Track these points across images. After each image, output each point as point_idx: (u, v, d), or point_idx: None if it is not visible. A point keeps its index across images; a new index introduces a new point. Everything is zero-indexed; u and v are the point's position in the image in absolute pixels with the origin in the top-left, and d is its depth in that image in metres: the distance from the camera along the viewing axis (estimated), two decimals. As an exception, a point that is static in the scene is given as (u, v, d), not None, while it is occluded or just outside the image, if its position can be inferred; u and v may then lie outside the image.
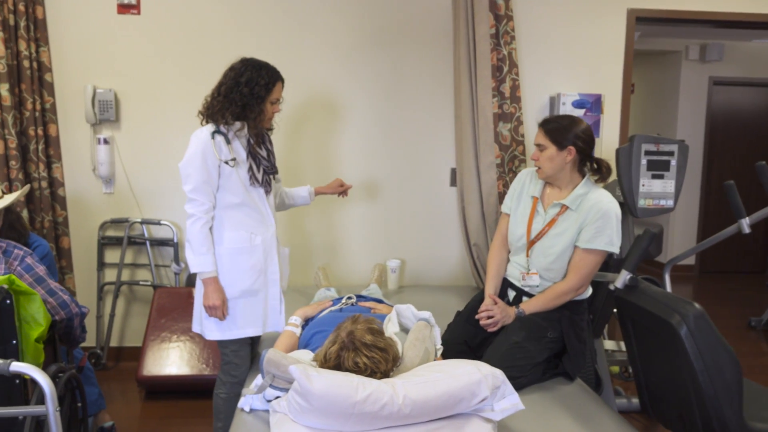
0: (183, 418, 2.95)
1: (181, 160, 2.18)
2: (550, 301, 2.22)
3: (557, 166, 2.20)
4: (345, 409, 1.48)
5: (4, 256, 2.01)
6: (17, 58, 3.13)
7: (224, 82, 2.19)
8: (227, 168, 2.17)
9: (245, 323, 2.26)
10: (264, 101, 2.19)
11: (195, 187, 2.14)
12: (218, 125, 2.19)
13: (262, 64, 2.22)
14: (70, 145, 3.38)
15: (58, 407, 1.42)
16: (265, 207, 2.29)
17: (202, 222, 2.14)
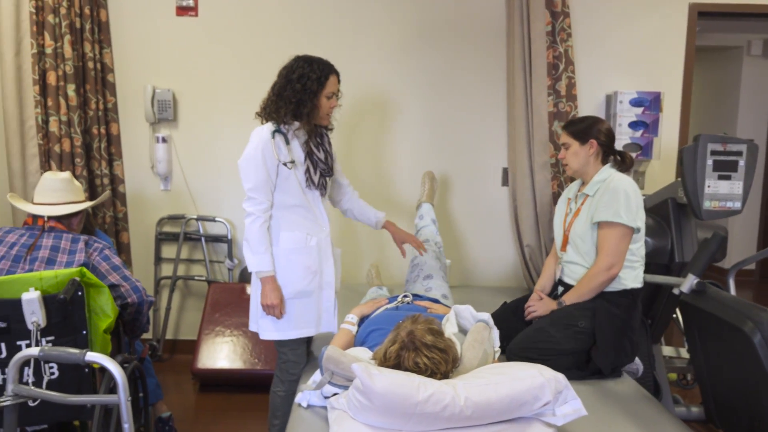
0: (236, 412, 3.01)
1: (241, 157, 2.19)
2: (584, 287, 2.26)
3: (582, 160, 2.34)
4: (406, 408, 1.47)
5: (86, 248, 2.13)
6: (82, 60, 3.25)
7: (278, 81, 2.21)
8: (285, 169, 2.18)
9: (299, 323, 2.26)
10: (317, 96, 2.16)
11: (254, 186, 2.15)
12: (278, 124, 2.20)
13: (314, 59, 2.21)
14: (131, 143, 3.49)
15: (129, 397, 1.47)
16: (320, 209, 2.30)
17: (260, 221, 2.16)
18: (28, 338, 1.86)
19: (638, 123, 3.24)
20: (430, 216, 3.01)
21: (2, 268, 2.05)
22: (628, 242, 2.21)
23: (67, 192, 2.29)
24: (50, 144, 3.12)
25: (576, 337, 2.21)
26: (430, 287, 2.57)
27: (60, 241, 2.13)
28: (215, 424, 2.90)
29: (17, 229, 2.18)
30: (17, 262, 2.06)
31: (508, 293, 3.27)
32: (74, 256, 2.11)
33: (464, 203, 3.53)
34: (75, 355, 1.46)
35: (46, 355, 1.47)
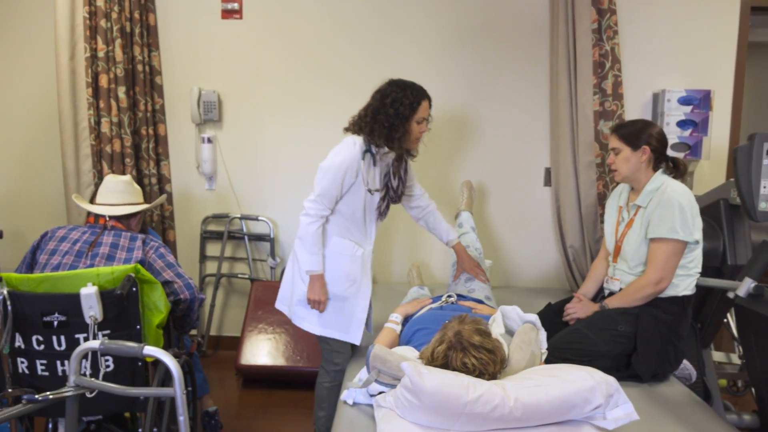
0: (278, 408, 3.06)
1: (325, 159, 2.23)
2: (630, 296, 2.22)
3: (633, 166, 2.25)
4: (456, 408, 1.48)
5: (144, 246, 2.21)
6: (132, 63, 3.35)
7: (372, 104, 2.25)
8: (359, 188, 2.23)
9: (329, 323, 2.33)
10: (409, 121, 2.20)
11: (323, 193, 2.21)
12: (369, 144, 2.24)
13: (407, 84, 2.24)
14: (177, 143, 3.58)
15: (185, 390, 1.51)
16: (371, 228, 2.37)
17: (317, 225, 2.23)
18: (86, 332, 1.93)
19: (687, 122, 3.16)
20: (470, 224, 3.04)
21: (66, 262, 2.14)
22: (681, 256, 2.16)
23: (127, 194, 2.39)
24: (102, 145, 3.23)
25: (615, 340, 2.17)
26: (473, 288, 2.56)
27: (119, 239, 2.21)
28: (258, 419, 2.95)
29: (80, 227, 2.27)
30: (79, 258, 2.15)
31: (550, 294, 3.23)
32: (132, 253, 2.19)
33: (505, 203, 3.50)
34: (133, 349, 1.51)
35: (106, 348, 1.52)
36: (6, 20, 3.49)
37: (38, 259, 2.20)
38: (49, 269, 2.13)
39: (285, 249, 3.63)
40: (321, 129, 3.51)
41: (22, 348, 1.94)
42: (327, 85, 3.48)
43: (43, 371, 1.96)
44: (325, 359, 2.38)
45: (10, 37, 3.50)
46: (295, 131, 3.53)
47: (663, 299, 2.19)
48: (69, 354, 1.93)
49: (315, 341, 3.20)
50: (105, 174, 3.22)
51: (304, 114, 3.51)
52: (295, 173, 3.56)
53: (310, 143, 3.53)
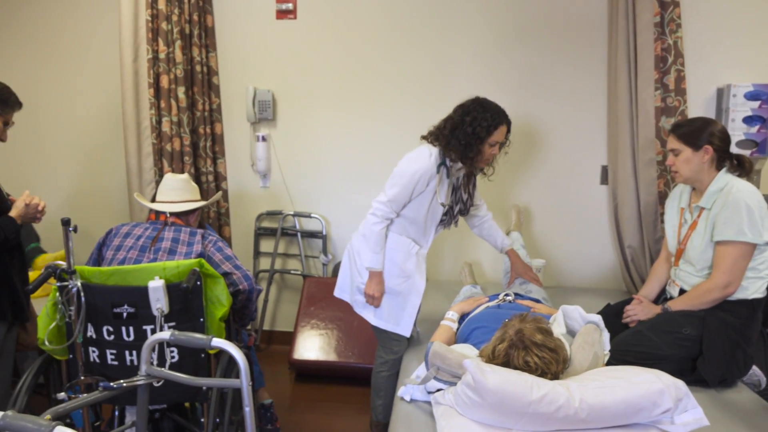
0: (331, 402, 3.10)
1: (400, 164, 2.28)
2: (695, 299, 2.15)
3: (695, 167, 2.18)
4: (519, 407, 1.46)
5: (203, 240, 2.29)
6: (191, 64, 3.44)
7: (452, 117, 2.28)
8: (426, 197, 2.28)
9: (382, 315, 2.42)
10: (483, 142, 2.23)
11: (393, 198, 2.27)
12: (445, 158, 2.27)
13: (490, 105, 2.27)
14: (233, 142, 3.66)
15: (250, 382, 1.54)
16: (430, 234, 2.42)
17: (383, 225, 2.30)
18: (153, 323, 2.00)
19: (754, 118, 3.03)
20: (520, 242, 3.07)
21: (130, 257, 2.22)
22: (749, 259, 2.07)
23: (186, 191, 2.47)
24: (162, 143, 3.34)
25: (679, 343, 2.11)
26: (529, 290, 2.54)
27: (180, 234, 2.29)
28: (311, 413, 2.99)
29: (143, 223, 2.36)
30: (143, 252, 2.23)
31: (605, 295, 3.16)
32: (192, 247, 2.26)
33: (559, 202, 3.44)
34: (202, 341, 1.55)
35: (176, 340, 1.57)
36: (72, 25, 3.64)
37: (104, 254, 2.29)
38: (115, 264, 2.22)
39: (337, 246, 3.67)
40: (373, 127, 3.53)
41: (94, 338, 2.02)
42: (379, 84, 3.50)
43: (112, 360, 2.04)
44: (383, 348, 2.45)
45: (75, 42, 3.66)
46: (347, 129, 3.56)
47: (731, 302, 2.11)
48: (137, 344, 2.02)
49: (367, 338, 3.23)
50: (165, 171, 3.33)
51: (357, 112, 3.54)
52: (347, 171, 3.59)
53: (363, 141, 3.55)
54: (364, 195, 3.59)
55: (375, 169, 3.56)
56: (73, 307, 1.96)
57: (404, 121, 3.50)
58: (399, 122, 3.51)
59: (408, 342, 2.48)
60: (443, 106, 3.43)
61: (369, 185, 3.57)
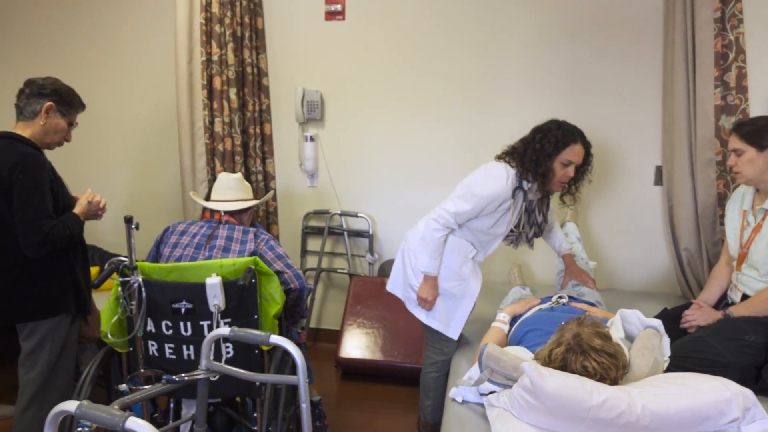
0: (378, 401, 3.11)
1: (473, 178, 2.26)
2: (759, 305, 2.08)
3: (759, 168, 2.11)
4: (578, 412, 1.44)
5: (255, 238, 2.33)
6: (242, 65, 3.51)
7: (527, 137, 2.27)
8: (495, 216, 2.26)
9: (434, 315, 2.41)
10: (552, 159, 2.17)
11: (460, 212, 2.24)
12: (521, 180, 2.23)
13: (564, 124, 2.22)
14: (281, 142, 3.72)
15: (307, 378, 1.57)
16: (492, 246, 2.41)
17: (444, 233, 2.28)
18: (210, 319, 2.05)
19: (821, 116, 2.89)
20: (575, 234, 3.00)
21: (187, 254, 2.29)
22: None
23: (239, 190, 2.52)
24: (215, 143, 3.42)
25: (742, 351, 2.02)
26: (582, 293, 2.49)
27: (233, 232, 2.34)
28: (357, 411, 3.01)
29: (198, 221, 2.42)
30: (199, 250, 2.29)
31: (659, 299, 3.07)
32: (245, 245, 2.31)
33: (611, 203, 3.36)
34: (261, 337, 1.58)
35: (236, 336, 1.61)
36: (128, 30, 3.77)
37: (162, 251, 2.36)
38: (173, 261, 2.29)
39: (383, 245, 3.68)
40: (420, 127, 3.53)
41: (153, 332, 2.09)
42: (426, 84, 3.49)
43: (170, 354, 2.10)
44: (433, 348, 2.45)
45: (132, 46, 3.78)
46: (394, 129, 3.57)
47: None
48: (194, 339, 2.07)
49: (413, 338, 3.23)
50: (217, 171, 3.40)
51: (404, 112, 3.54)
52: (394, 171, 3.60)
53: (409, 141, 3.56)
54: (411, 195, 3.59)
55: (421, 169, 3.56)
56: (135, 302, 2.03)
57: (451, 122, 3.48)
58: (445, 122, 3.49)
59: (458, 343, 2.47)
60: (489, 106, 3.42)
61: (415, 185, 3.57)
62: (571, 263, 2.62)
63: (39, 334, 2.18)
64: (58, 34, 3.86)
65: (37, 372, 2.19)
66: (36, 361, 2.19)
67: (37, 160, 2.12)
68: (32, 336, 2.19)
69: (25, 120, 2.20)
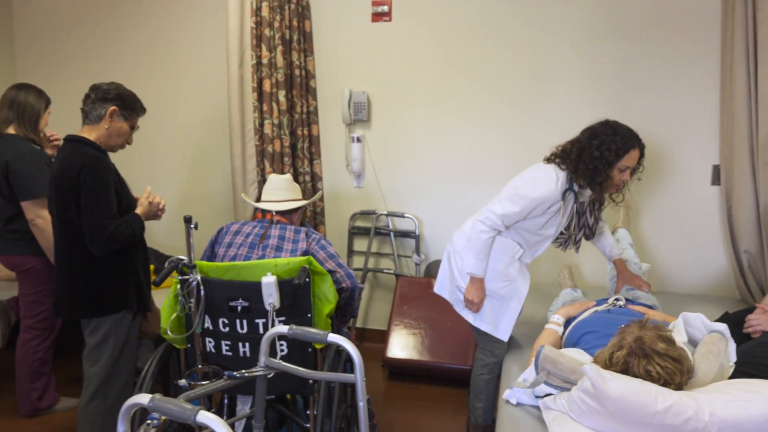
0: (425, 402, 3.11)
1: (521, 179, 2.24)
2: None
3: None
4: (643, 417, 1.41)
5: (307, 238, 2.37)
6: (290, 68, 3.57)
7: (579, 140, 2.22)
8: (544, 218, 2.23)
9: (482, 317, 2.39)
10: (612, 166, 2.14)
11: (508, 214, 2.21)
12: (572, 183, 2.21)
13: (620, 128, 2.18)
14: (329, 143, 3.76)
15: (364, 377, 1.58)
16: (540, 248, 2.37)
17: (490, 235, 2.26)
18: (265, 317, 2.09)
19: None
20: (627, 240, 2.93)
21: (241, 253, 2.34)
22: None
23: (289, 191, 2.56)
24: (264, 145, 3.48)
25: None
26: (637, 296, 2.43)
27: (285, 231, 2.38)
28: (404, 411, 3.02)
29: (250, 222, 2.48)
30: (252, 249, 2.34)
31: (717, 303, 2.97)
32: (297, 244, 2.34)
33: (664, 203, 3.27)
34: (319, 336, 1.61)
35: (294, 334, 1.63)
36: (180, 35, 3.88)
37: (217, 251, 2.42)
38: (227, 260, 2.34)
39: (429, 246, 3.68)
40: (466, 128, 3.51)
41: (210, 329, 2.14)
42: (472, 85, 3.47)
43: (227, 351, 2.15)
44: (483, 350, 2.44)
45: (183, 52, 3.89)
46: (440, 130, 3.56)
47: None
48: (249, 336, 2.12)
49: (460, 339, 3.21)
50: (267, 172, 3.46)
51: (450, 113, 3.53)
52: (440, 172, 3.59)
53: (456, 142, 3.54)
54: (457, 196, 3.58)
55: (468, 170, 3.54)
56: (193, 300, 2.09)
57: (497, 123, 3.46)
58: (492, 124, 3.47)
59: (508, 345, 2.45)
60: (536, 106, 3.38)
61: (462, 186, 3.56)
62: (623, 268, 2.56)
63: (103, 329, 2.27)
64: (115, 40, 4.00)
65: (101, 366, 2.28)
66: (100, 355, 2.28)
67: (102, 162, 2.21)
68: (96, 331, 2.28)
69: (91, 124, 2.29)
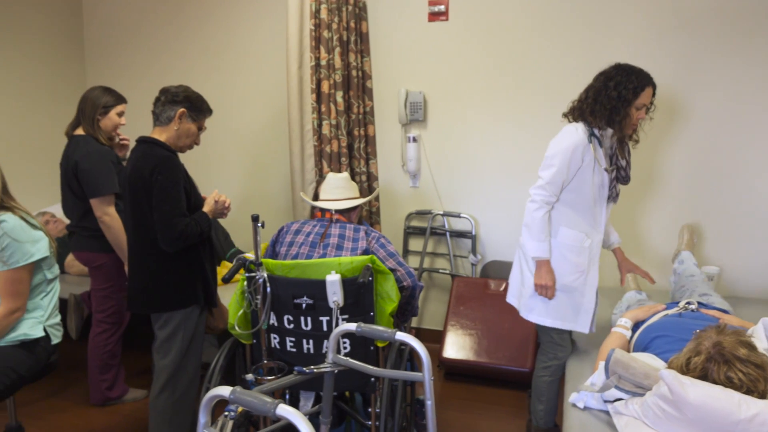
0: (482, 403, 3.09)
1: (549, 148, 2.28)
2: None
3: None
4: (725, 426, 1.36)
5: (366, 236, 2.39)
6: (348, 69, 3.61)
7: (594, 86, 2.27)
8: (586, 171, 2.23)
9: (557, 314, 2.35)
10: (630, 105, 2.20)
11: (551, 180, 2.24)
12: (592, 128, 2.25)
13: (633, 69, 2.24)
14: (384, 143, 3.78)
15: (432, 376, 1.59)
16: (602, 214, 2.34)
17: (544, 211, 2.27)
18: (328, 315, 2.12)
19: None
20: (691, 261, 2.87)
21: (302, 252, 2.38)
22: None
23: (347, 189, 2.59)
24: (322, 145, 3.53)
25: None
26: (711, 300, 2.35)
27: (345, 230, 2.41)
28: (461, 412, 3.00)
29: (310, 221, 2.51)
30: (313, 248, 2.38)
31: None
32: (357, 243, 2.37)
33: (732, 204, 3.14)
34: (387, 334, 1.62)
35: (362, 331, 1.65)
36: (240, 39, 3.98)
37: (278, 250, 2.47)
38: (289, 259, 2.39)
39: (486, 246, 3.65)
40: (524, 128, 3.47)
41: (275, 325, 2.19)
42: (530, 85, 3.42)
43: (291, 347, 2.19)
44: (546, 353, 2.41)
45: (243, 55, 3.98)
46: (497, 130, 3.53)
47: None
48: (313, 334, 2.15)
49: (518, 341, 3.17)
50: (324, 172, 3.51)
51: (507, 113, 3.49)
52: (497, 172, 3.56)
53: (513, 142, 3.50)
54: (515, 196, 3.53)
55: (525, 171, 3.50)
56: (259, 297, 2.14)
57: (555, 124, 3.39)
58: (549, 124, 3.41)
59: (572, 348, 2.40)
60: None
61: (519, 186, 3.51)
62: (623, 258, 2.56)
63: (172, 323, 2.35)
64: (177, 44, 4.14)
65: (171, 359, 2.36)
66: (170, 348, 2.36)
67: (173, 162, 2.29)
68: (166, 325, 2.36)
69: (161, 125, 2.37)
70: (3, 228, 2.11)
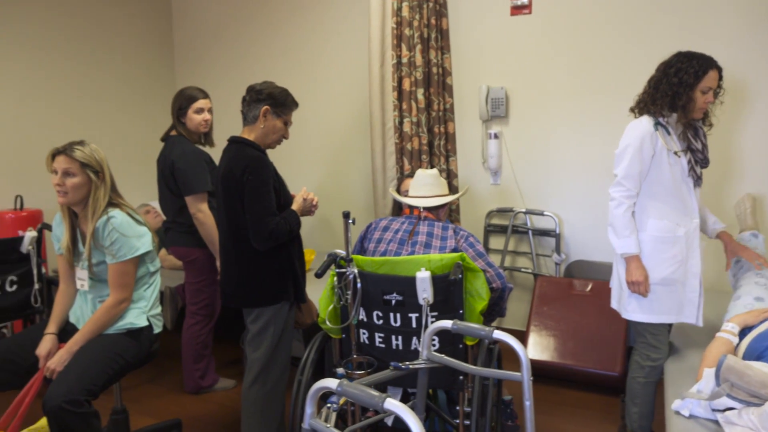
0: (568, 407, 3.00)
1: (618, 147, 2.27)
2: None
3: None
4: None
5: (455, 235, 2.38)
6: (428, 66, 3.60)
7: (655, 75, 2.27)
8: (661, 159, 2.21)
9: (661, 309, 2.29)
10: (693, 89, 2.19)
11: (626, 174, 2.23)
12: (656, 117, 2.25)
13: (694, 54, 2.22)
14: (464, 140, 3.75)
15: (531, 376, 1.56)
16: (692, 199, 2.28)
17: (625, 207, 2.24)
18: (418, 312, 2.13)
19: None
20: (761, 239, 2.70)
21: (391, 249, 2.40)
22: None
23: (436, 186, 2.58)
24: (403, 143, 3.54)
25: None
26: None
27: (433, 228, 2.40)
28: (547, 415, 2.93)
29: (398, 218, 2.53)
30: (402, 245, 2.39)
31: None
32: (446, 241, 2.36)
33: None
34: (484, 332, 1.61)
35: (458, 329, 1.65)
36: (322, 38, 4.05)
37: (366, 247, 2.50)
38: (378, 255, 2.41)
39: (570, 245, 3.55)
40: (610, 125, 3.34)
41: (365, 321, 2.22)
42: (615, 80, 3.29)
43: (380, 343, 2.22)
44: (641, 355, 2.33)
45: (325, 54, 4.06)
46: (582, 126, 3.42)
47: None
48: (402, 330, 2.16)
49: (607, 344, 3.07)
50: (405, 169, 3.53)
51: (592, 109, 3.38)
52: (582, 169, 3.45)
53: (597, 139, 3.38)
54: (601, 194, 3.41)
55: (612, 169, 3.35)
56: (350, 292, 2.17)
57: (651, 114, 3.24)
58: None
59: (669, 351, 2.30)
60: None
61: (604, 184, 3.39)
62: (729, 240, 2.45)
63: (264, 318, 2.43)
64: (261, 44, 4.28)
65: (262, 352, 2.44)
66: (261, 342, 2.44)
67: (262, 162, 2.36)
68: (258, 320, 2.44)
69: (249, 125, 2.45)
70: (112, 224, 2.25)
